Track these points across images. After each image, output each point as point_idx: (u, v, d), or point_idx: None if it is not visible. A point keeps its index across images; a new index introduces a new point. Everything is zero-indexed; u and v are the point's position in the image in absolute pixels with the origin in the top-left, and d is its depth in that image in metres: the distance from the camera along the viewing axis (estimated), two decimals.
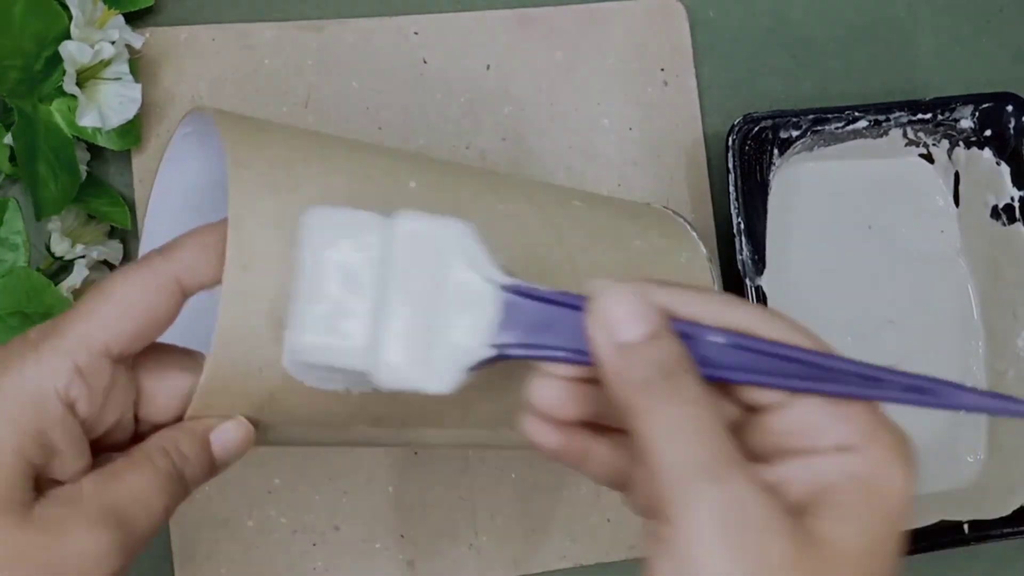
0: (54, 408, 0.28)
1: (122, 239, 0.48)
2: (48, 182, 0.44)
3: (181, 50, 0.49)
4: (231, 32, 0.50)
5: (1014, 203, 0.53)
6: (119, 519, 0.28)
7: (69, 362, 0.28)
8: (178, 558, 0.46)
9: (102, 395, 0.29)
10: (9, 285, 0.44)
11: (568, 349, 0.27)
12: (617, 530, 0.50)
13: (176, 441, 0.30)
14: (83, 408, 0.28)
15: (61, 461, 0.28)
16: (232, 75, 0.49)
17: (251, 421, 0.31)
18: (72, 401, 0.28)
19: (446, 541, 0.49)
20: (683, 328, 0.26)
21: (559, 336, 0.27)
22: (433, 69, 0.52)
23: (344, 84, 0.51)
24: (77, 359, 0.28)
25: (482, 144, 0.52)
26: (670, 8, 0.55)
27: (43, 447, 0.28)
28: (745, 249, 0.49)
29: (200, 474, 0.31)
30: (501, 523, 0.49)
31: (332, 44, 0.51)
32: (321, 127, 0.49)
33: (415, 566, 0.48)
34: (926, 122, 0.53)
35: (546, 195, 0.39)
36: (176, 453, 0.30)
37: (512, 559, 0.49)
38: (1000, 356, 0.54)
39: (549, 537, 0.50)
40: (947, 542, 0.50)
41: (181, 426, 0.31)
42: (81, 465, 0.29)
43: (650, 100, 0.54)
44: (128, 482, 0.29)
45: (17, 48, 0.43)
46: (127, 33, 0.45)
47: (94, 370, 0.28)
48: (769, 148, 0.50)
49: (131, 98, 0.45)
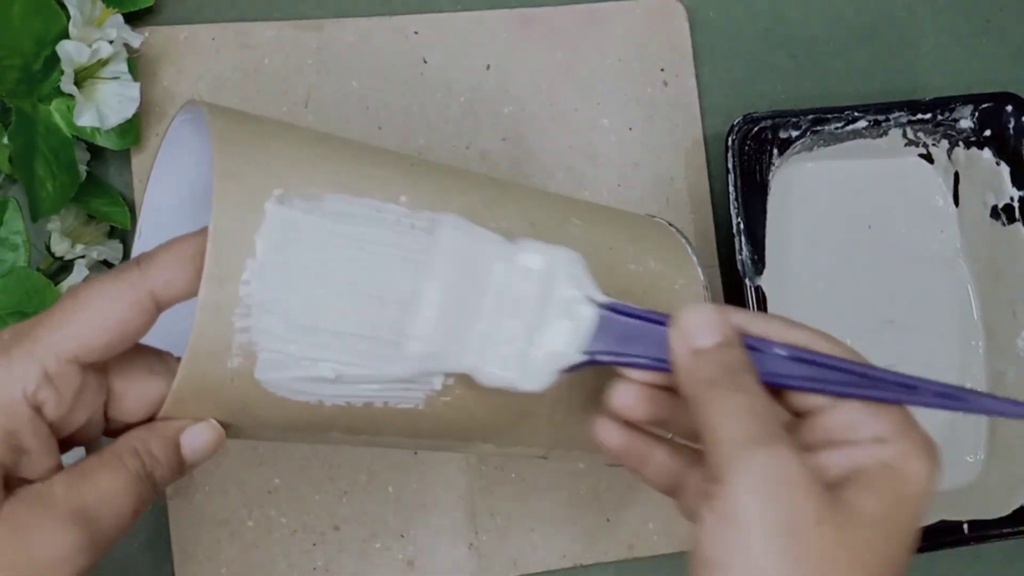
0: (22, 411, 0.28)
1: (122, 239, 0.48)
2: (45, 182, 0.44)
3: (181, 49, 0.49)
4: (231, 32, 0.50)
5: (1014, 203, 0.53)
6: (88, 519, 0.28)
7: (39, 367, 0.28)
8: (178, 558, 0.46)
9: (71, 399, 0.29)
10: (9, 285, 0.44)
11: (649, 357, 0.31)
12: (617, 530, 0.50)
13: (147, 442, 0.30)
14: (51, 411, 0.28)
15: (29, 460, 0.29)
16: (232, 75, 0.49)
17: (222, 424, 0.32)
18: (40, 404, 0.28)
19: (446, 541, 0.49)
20: (751, 342, 0.30)
21: (642, 346, 0.32)
22: (433, 69, 0.52)
23: (344, 84, 0.51)
24: (47, 365, 0.28)
25: (482, 144, 0.52)
26: (670, 8, 0.55)
27: (12, 448, 0.28)
28: (745, 249, 0.49)
29: (169, 475, 0.31)
30: (501, 523, 0.49)
31: (332, 44, 0.51)
32: (321, 127, 0.49)
33: (415, 566, 0.48)
34: (926, 122, 0.53)
35: (543, 212, 0.38)
36: (146, 454, 0.30)
37: (512, 559, 0.49)
38: (1000, 356, 0.54)
39: (549, 537, 0.50)
40: (947, 542, 0.50)
41: (152, 427, 0.31)
42: (50, 464, 0.29)
43: (650, 100, 0.54)
44: (98, 483, 0.29)
45: (16, 48, 0.43)
46: (126, 32, 0.45)
47: (63, 376, 0.28)
48: (769, 148, 0.50)
49: (130, 97, 0.45)
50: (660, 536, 0.50)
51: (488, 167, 0.51)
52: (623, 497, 0.50)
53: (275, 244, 0.30)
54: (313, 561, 0.47)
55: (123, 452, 0.30)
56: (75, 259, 0.46)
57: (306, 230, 0.30)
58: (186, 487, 0.46)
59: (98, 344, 0.29)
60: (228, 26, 0.50)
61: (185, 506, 0.46)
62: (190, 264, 0.29)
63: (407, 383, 0.33)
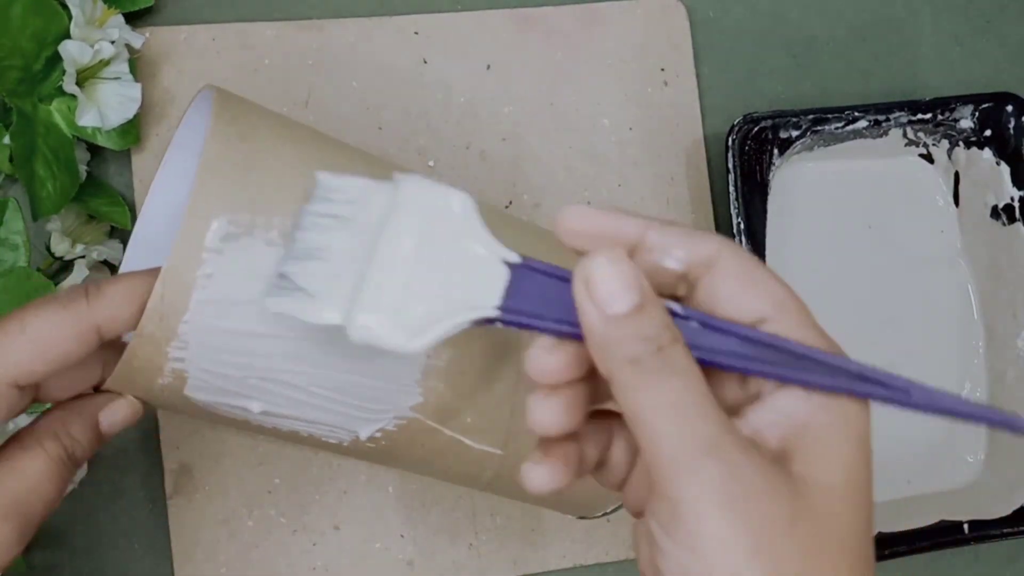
0: None
1: (122, 239, 0.48)
2: (46, 182, 0.44)
3: (181, 49, 0.49)
4: (231, 32, 0.50)
5: (1014, 203, 0.53)
6: (18, 512, 0.30)
7: None
8: (178, 558, 0.46)
9: (5, 413, 0.30)
10: (9, 285, 0.44)
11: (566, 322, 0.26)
12: (616, 530, 0.50)
13: (66, 423, 0.32)
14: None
15: None
16: (232, 75, 0.49)
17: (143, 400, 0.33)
18: None
19: (446, 541, 0.49)
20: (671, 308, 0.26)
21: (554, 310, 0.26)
22: (433, 69, 0.52)
23: (344, 84, 0.51)
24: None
25: (482, 144, 0.52)
26: (670, 8, 0.55)
27: None
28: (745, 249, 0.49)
29: (88, 451, 0.32)
30: (501, 523, 0.49)
31: (332, 44, 0.51)
32: (321, 126, 0.49)
33: (415, 566, 0.48)
34: (926, 122, 0.53)
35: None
36: (66, 436, 0.31)
37: (512, 559, 0.49)
38: (1000, 356, 0.54)
39: (549, 537, 0.50)
40: (947, 542, 0.50)
41: (71, 407, 0.32)
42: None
43: (650, 100, 0.54)
44: (24, 473, 0.30)
45: (16, 48, 0.43)
46: (127, 33, 0.45)
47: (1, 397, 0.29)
48: (769, 148, 0.50)
49: (131, 97, 0.45)
50: None
51: (488, 167, 0.52)
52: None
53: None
54: (312, 561, 0.47)
55: (43, 437, 0.31)
56: (75, 259, 0.46)
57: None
58: (186, 487, 0.46)
59: (37, 371, 0.30)
60: (228, 26, 0.50)
61: (185, 506, 0.46)
62: (138, 300, 0.30)
63: (332, 427, 0.34)
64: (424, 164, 0.51)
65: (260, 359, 0.32)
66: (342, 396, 0.33)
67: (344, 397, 0.33)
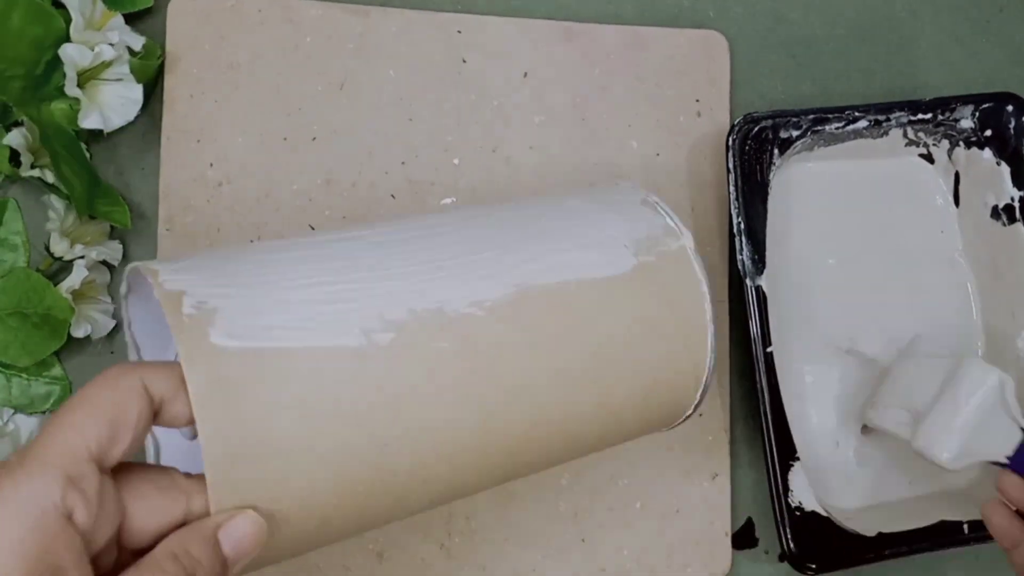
0: (55, 523, 0.27)
1: (122, 239, 0.48)
2: (73, 181, 0.44)
3: (227, 16, 0.49)
4: (277, 5, 0.50)
5: (1014, 203, 0.53)
6: None
7: (59, 472, 0.27)
8: None
9: (96, 501, 0.28)
10: (9, 285, 0.44)
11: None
12: (591, 552, 0.50)
13: (185, 543, 0.29)
14: (81, 517, 0.27)
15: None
16: (272, 48, 0.50)
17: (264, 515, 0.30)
18: (70, 510, 0.27)
19: (418, 537, 0.48)
20: None
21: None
22: (471, 69, 0.52)
23: (381, 72, 0.51)
24: (66, 467, 0.27)
25: (509, 150, 0.52)
26: (713, 41, 0.55)
27: (49, 568, 0.27)
28: (745, 249, 0.49)
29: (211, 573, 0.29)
30: (476, 527, 0.49)
31: (375, 30, 0.51)
32: (352, 110, 0.50)
33: (384, 558, 0.48)
34: (926, 122, 0.53)
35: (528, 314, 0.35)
36: (185, 556, 0.29)
37: (481, 564, 0.49)
38: (1000, 356, 0.54)
39: (521, 548, 0.49)
40: (947, 542, 0.50)
41: (188, 527, 0.30)
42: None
43: (681, 129, 0.54)
44: None
45: (17, 58, 0.43)
46: (127, 35, 0.45)
47: (83, 476, 0.28)
48: (769, 148, 0.50)
49: (132, 99, 0.45)
50: (634, 564, 0.50)
51: (512, 172, 0.51)
52: (602, 520, 0.50)
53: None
54: None
55: (162, 559, 0.28)
56: (74, 259, 0.46)
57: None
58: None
59: (103, 434, 0.28)
60: (276, 0, 0.50)
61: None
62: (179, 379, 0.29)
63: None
64: (449, 162, 0.51)
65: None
66: None
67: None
